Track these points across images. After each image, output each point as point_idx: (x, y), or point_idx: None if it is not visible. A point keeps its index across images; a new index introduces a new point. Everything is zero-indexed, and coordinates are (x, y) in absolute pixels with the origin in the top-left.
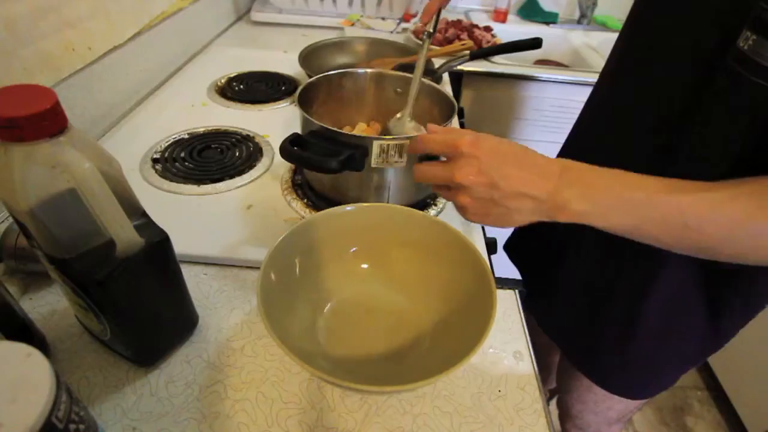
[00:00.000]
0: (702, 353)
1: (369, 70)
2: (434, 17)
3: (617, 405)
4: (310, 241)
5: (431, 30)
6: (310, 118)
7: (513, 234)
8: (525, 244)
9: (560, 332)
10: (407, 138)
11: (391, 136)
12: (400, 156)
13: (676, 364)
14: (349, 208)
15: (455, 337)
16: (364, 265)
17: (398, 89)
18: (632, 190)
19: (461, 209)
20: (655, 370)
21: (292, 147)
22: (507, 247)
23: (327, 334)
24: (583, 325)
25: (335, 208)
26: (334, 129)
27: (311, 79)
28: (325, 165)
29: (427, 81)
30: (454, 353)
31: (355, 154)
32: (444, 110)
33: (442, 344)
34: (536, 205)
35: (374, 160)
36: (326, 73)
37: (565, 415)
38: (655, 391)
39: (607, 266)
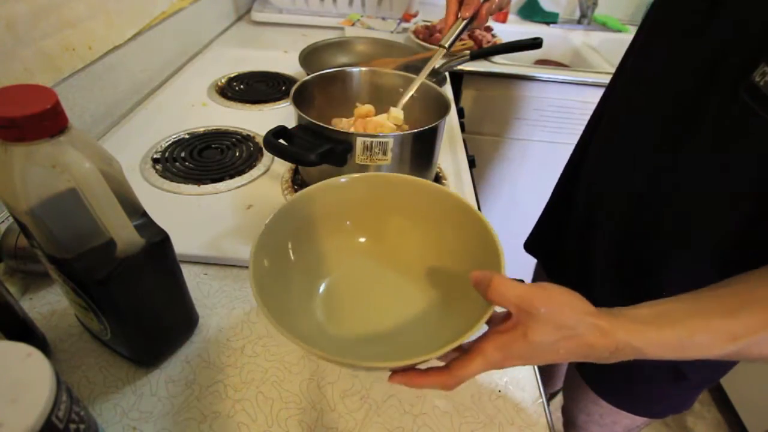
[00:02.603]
0: (712, 379)
1: (364, 69)
2: (453, 31)
3: (624, 420)
4: (302, 218)
5: (446, 45)
6: (301, 114)
7: (533, 235)
8: (545, 244)
9: None
10: (391, 136)
11: (374, 134)
12: (384, 154)
13: (685, 390)
14: (342, 179)
15: (462, 307)
16: (362, 239)
17: (400, 89)
18: (693, 351)
19: None
20: (666, 394)
21: (275, 139)
22: (527, 247)
23: (326, 314)
24: None
25: (327, 180)
26: (320, 123)
27: (306, 78)
28: (303, 157)
29: (426, 80)
30: (462, 323)
31: (335, 148)
32: (439, 108)
33: (450, 315)
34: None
35: (358, 157)
36: (321, 72)
37: (569, 424)
38: (668, 411)
39: (621, 293)
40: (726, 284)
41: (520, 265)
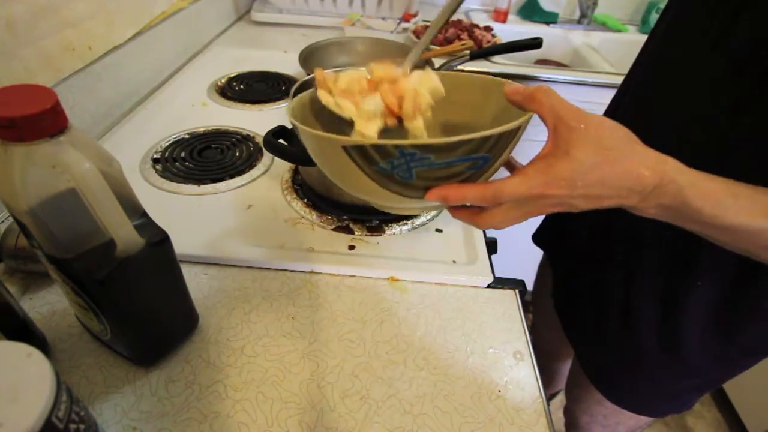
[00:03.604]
0: (719, 381)
1: (363, 69)
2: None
3: (628, 421)
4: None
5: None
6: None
7: (541, 228)
8: (554, 239)
9: (581, 344)
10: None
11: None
12: None
13: (690, 392)
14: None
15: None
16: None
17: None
18: (729, 218)
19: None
20: (669, 394)
21: (275, 139)
22: (536, 239)
23: None
24: (603, 339)
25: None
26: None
27: (305, 78)
28: (303, 157)
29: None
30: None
31: None
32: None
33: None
34: (616, 205)
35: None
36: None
37: (571, 425)
38: (671, 410)
39: (633, 281)
40: None
41: (519, 264)
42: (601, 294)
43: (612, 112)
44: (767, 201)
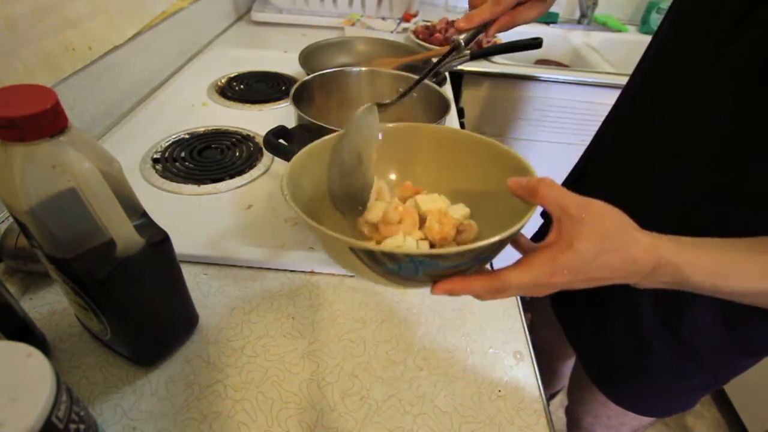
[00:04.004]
0: (723, 380)
1: (364, 69)
2: (475, 30)
3: (632, 421)
4: (336, 150)
5: (462, 42)
6: (301, 114)
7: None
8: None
9: (582, 345)
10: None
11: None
12: None
13: (693, 391)
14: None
15: (495, 219)
16: (392, 176)
17: (399, 88)
18: (729, 287)
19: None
20: (672, 394)
21: (275, 139)
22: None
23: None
24: (604, 339)
25: (388, 125)
26: (319, 123)
27: (305, 78)
28: None
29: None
30: (499, 230)
31: None
32: (439, 109)
33: (484, 224)
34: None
35: None
36: (321, 72)
37: (574, 426)
38: (673, 410)
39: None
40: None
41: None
42: (600, 293)
43: (613, 115)
44: (762, 261)
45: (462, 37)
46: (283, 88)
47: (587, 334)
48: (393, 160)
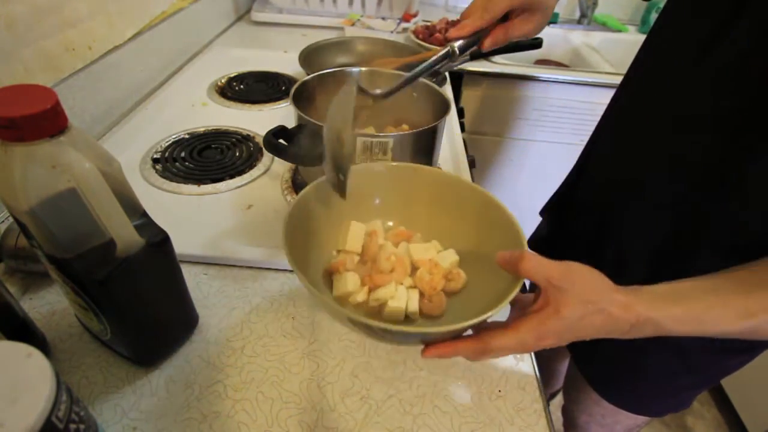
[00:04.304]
0: (716, 378)
1: (364, 69)
2: (469, 40)
3: (625, 420)
4: (329, 200)
5: (456, 50)
6: (301, 114)
7: (537, 233)
8: (553, 243)
9: (576, 345)
10: (391, 136)
11: (374, 133)
12: (384, 153)
13: (687, 390)
14: (377, 168)
15: (486, 285)
16: (390, 223)
17: (414, 93)
18: (708, 327)
19: None
20: (665, 393)
21: (275, 139)
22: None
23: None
24: (597, 339)
25: (358, 166)
26: (320, 123)
27: (305, 78)
28: (303, 158)
29: (426, 80)
30: (488, 300)
31: None
32: (439, 109)
33: (472, 297)
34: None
35: (358, 156)
36: (321, 72)
37: (569, 425)
38: (668, 410)
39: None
40: (744, 267)
41: None
42: None
43: (609, 113)
44: (737, 303)
45: (457, 44)
46: (283, 88)
47: None
48: (395, 199)
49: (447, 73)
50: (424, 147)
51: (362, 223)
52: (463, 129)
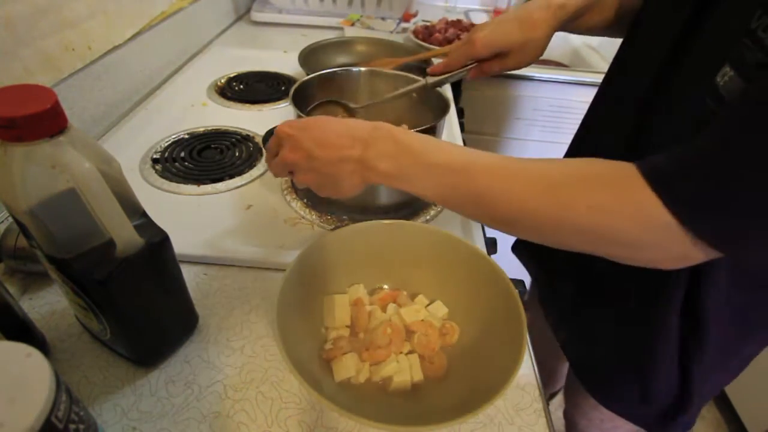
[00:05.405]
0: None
1: (363, 69)
2: (450, 75)
3: (624, 425)
4: (321, 265)
5: (429, 84)
6: (301, 114)
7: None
8: (530, 246)
9: (570, 347)
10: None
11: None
12: None
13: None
14: (363, 226)
15: (479, 370)
16: (386, 286)
17: (414, 94)
18: (434, 155)
19: (310, 188)
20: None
21: None
22: (514, 249)
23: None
24: (589, 341)
25: (344, 228)
26: None
27: (305, 78)
28: None
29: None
30: (479, 388)
31: None
32: (439, 109)
33: (465, 377)
34: (354, 167)
35: None
36: (321, 72)
37: (570, 428)
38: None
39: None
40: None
41: (519, 264)
42: (589, 299)
43: (594, 105)
44: (462, 153)
45: (431, 81)
46: (283, 88)
47: (575, 339)
48: (371, 259)
49: None
50: None
51: (343, 293)
52: (462, 129)
